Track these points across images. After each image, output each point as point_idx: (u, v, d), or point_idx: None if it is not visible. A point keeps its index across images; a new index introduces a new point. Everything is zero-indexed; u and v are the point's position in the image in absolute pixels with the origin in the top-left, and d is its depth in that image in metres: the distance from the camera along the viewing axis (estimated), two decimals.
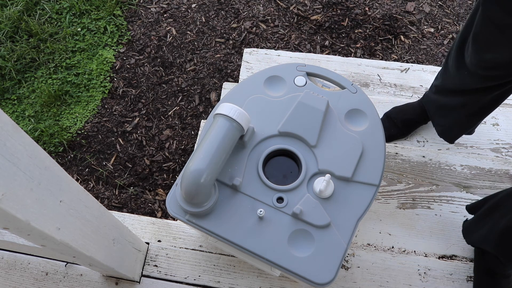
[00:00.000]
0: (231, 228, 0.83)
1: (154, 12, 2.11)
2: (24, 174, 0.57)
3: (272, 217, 0.83)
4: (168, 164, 1.69)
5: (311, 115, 0.90)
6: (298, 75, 0.98)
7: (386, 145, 0.94)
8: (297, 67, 1.00)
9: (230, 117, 0.80)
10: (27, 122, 1.82)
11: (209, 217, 0.84)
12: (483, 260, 1.09)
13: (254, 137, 0.90)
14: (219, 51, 1.97)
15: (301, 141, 0.89)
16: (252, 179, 0.86)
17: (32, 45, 2.00)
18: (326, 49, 1.94)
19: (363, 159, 0.88)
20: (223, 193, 0.86)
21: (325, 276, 0.79)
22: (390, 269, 1.13)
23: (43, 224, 0.62)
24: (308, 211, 0.82)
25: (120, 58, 1.98)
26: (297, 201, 0.84)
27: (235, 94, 0.97)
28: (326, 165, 0.87)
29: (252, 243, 0.81)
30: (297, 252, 0.81)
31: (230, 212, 0.84)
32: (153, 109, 1.83)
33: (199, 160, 0.78)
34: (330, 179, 0.82)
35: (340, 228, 0.82)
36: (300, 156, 0.88)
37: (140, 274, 1.12)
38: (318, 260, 0.80)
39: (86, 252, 0.78)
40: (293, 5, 2.08)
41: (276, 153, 0.90)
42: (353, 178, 0.86)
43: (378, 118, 0.94)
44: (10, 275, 1.14)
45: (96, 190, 1.66)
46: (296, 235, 0.82)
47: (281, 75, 0.99)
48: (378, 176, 0.87)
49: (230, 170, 0.87)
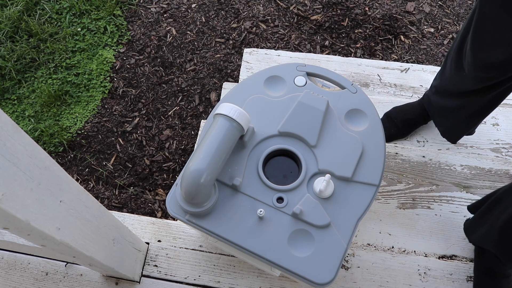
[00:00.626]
0: (231, 228, 0.83)
1: (154, 12, 2.11)
2: (24, 174, 0.57)
3: (272, 217, 0.83)
4: (168, 164, 1.69)
5: (311, 115, 0.90)
6: (298, 75, 0.98)
7: (386, 145, 0.94)
8: (297, 67, 1.00)
9: (230, 117, 0.80)
10: (27, 122, 1.82)
11: (209, 217, 0.84)
12: (483, 259, 1.09)
13: (254, 137, 0.90)
14: (219, 51, 1.97)
15: (301, 141, 0.89)
16: (252, 179, 0.86)
17: (32, 45, 2.00)
18: (326, 49, 1.94)
19: (363, 159, 0.88)
20: (223, 193, 0.86)
21: (325, 276, 0.79)
22: (390, 269, 1.13)
23: (43, 224, 0.62)
24: (308, 211, 0.82)
25: (120, 58, 1.98)
26: (297, 201, 0.84)
27: (235, 94, 0.97)
28: (326, 165, 0.87)
29: (252, 243, 0.81)
30: (297, 252, 0.81)
31: (230, 212, 0.84)
32: (153, 109, 1.83)
33: (199, 160, 0.78)
34: (330, 179, 0.82)
35: (340, 228, 0.82)
36: (300, 156, 0.88)
37: (140, 274, 1.12)
38: (318, 260, 0.80)
39: (86, 252, 0.78)
40: (293, 5, 2.08)
41: (276, 153, 0.90)
42: (353, 178, 0.86)
43: (378, 118, 0.94)
44: (10, 275, 1.14)
45: (96, 190, 1.66)
46: (296, 235, 0.82)
47: (281, 75, 0.99)
48: (378, 176, 0.87)
49: (230, 170, 0.87)
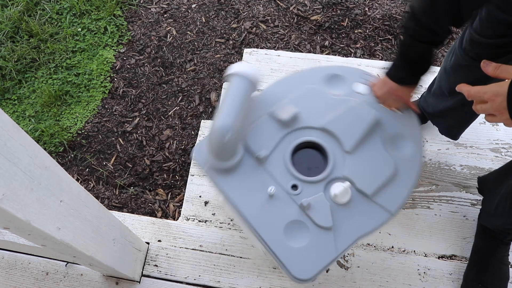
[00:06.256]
0: (241, 194, 0.85)
1: (154, 12, 2.11)
2: (24, 174, 0.57)
3: (280, 200, 0.84)
4: (168, 164, 1.69)
5: (357, 122, 0.90)
6: (360, 82, 0.99)
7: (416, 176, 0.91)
8: (363, 74, 1.00)
9: (237, 73, 0.86)
10: (28, 122, 1.82)
11: (226, 177, 0.87)
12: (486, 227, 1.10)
13: (296, 121, 0.92)
14: (219, 51, 1.97)
15: (338, 143, 0.90)
16: (278, 159, 0.88)
17: (33, 45, 2.00)
18: (326, 49, 1.94)
19: (390, 183, 0.86)
20: (247, 161, 0.88)
21: (304, 273, 0.79)
22: (390, 269, 1.13)
23: (43, 224, 0.62)
24: (315, 208, 0.82)
25: (120, 58, 1.98)
26: (309, 195, 0.84)
27: (294, 79, 1.00)
28: (351, 174, 0.86)
29: (253, 215, 0.83)
30: (289, 241, 0.81)
31: (246, 180, 0.87)
32: (153, 109, 1.84)
33: (221, 116, 0.84)
34: (349, 188, 0.82)
35: (339, 237, 0.82)
36: (331, 156, 0.88)
37: (140, 274, 1.12)
38: (305, 256, 0.80)
39: (86, 252, 0.78)
40: (293, 5, 2.08)
41: (310, 144, 0.91)
42: (371, 197, 0.85)
43: (421, 150, 0.92)
44: (10, 275, 1.14)
45: (97, 190, 1.66)
46: (295, 225, 0.83)
47: (345, 76, 1.00)
48: (397, 205, 0.85)
49: (262, 142, 0.89)
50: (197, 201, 1.29)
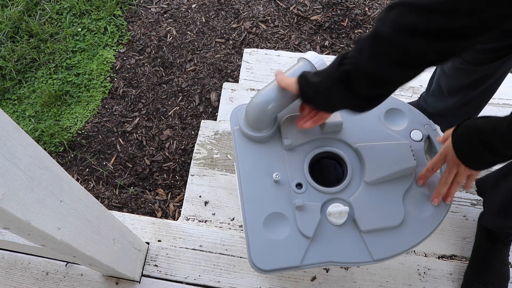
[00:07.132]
0: (251, 166, 0.87)
1: (154, 12, 2.11)
2: (24, 174, 0.57)
3: (280, 190, 0.85)
4: (168, 164, 1.69)
5: (391, 161, 0.86)
6: (419, 129, 0.93)
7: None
8: (427, 124, 0.94)
9: (310, 61, 0.84)
10: (28, 122, 1.82)
11: (248, 144, 0.89)
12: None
13: (336, 131, 0.91)
14: (219, 51, 1.97)
15: (362, 169, 0.87)
16: (300, 154, 0.89)
17: (33, 45, 2.00)
18: (326, 49, 1.94)
19: (389, 232, 0.83)
20: (272, 141, 0.90)
21: (263, 263, 0.79)
22: (390, 269, 1.13)
23: (43, 224, 0.62)
24: (305, 213, 0.82)
25: (120, 58, 1.99)
26: (309, 200, 0.83)
27: None
28: (356, 203, 0.84)
29: (250, 189, 0.85)
30: (266, 229, 0.81)
31: (262, 156, 0.88)
32: (153, 109, 1.84)
33: (273, 84, 0.84)
34: (346, 213, 0.80)
35: (311, 251, 0.80)
36: (348, 177, 0.86)
37: (140, 274, 1.12)
38: (272, 249, 0.80)
39: (87, 252, 0.78)
40: (293, 5, 2.08)
41: (335, 156, 0.90)
42: (362, 233, 0.82)
43: (438, 223, 0.86)
44: (10, 275, 1.14)
45: (97, 190, 1.66)
46: (279, 219, 0.82)
47: (409, 117, 0.94)
48: (383, 256, 0.81)
49: (294, 133, 0.89)
50: (197, 201, 1.29)
